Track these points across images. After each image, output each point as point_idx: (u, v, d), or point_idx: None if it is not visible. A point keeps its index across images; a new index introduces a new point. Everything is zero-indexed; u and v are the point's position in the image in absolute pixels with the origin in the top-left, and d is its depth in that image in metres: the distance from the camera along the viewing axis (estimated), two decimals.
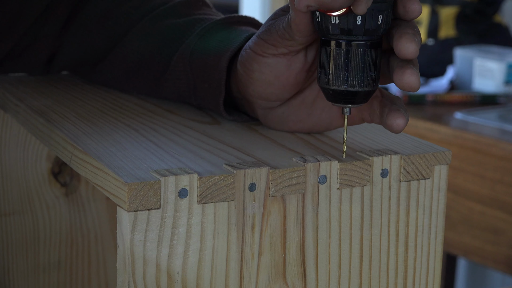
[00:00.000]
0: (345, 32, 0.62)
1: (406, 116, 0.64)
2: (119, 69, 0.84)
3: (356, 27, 0.62)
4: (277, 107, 0.70)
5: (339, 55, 0.63)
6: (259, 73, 0.68)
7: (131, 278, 0.57)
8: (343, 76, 0.63)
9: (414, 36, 0.61)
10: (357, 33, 0.62)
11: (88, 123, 0.73)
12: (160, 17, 0.82)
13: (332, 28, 0.62)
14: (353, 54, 0.62)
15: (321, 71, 0.64)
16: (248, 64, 0.69)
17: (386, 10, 0.62)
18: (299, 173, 0.61)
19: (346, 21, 0.62)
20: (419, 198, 0.66)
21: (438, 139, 2.03)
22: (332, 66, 0.63)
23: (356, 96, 0.64)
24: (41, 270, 0.97)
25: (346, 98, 0.64)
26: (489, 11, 2.61)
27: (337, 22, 0.62)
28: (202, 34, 0.77)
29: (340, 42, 0.62)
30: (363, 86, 0.63)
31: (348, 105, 0.64)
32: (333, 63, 0.63)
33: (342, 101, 0.64)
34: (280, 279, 0.62)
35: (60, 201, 0.96)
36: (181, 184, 0.58)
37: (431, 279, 0.67)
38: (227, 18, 0.78)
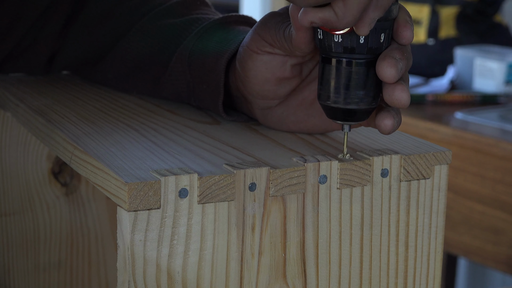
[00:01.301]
0: (348, 50, 0.62)
1: (396, 117, 0.64)
2: (119, 69, 0.84)
3: (359, 46, 0.61)
4: (276, 107, 0.70)
5: (340, 73, 0.62)
6: (255, 71, 0.68)
7: (131, 278, 0.57)
8: (343, 94, 0.62)
9: (397, 62, 0.61)
10: (360, 51, 0.62)
11: (88, 123, 0.73)
12: (158, 16, 0.82)
13: (334, 46, 0.62)
14: (354, 72, 0.62)
15: (321, 88, 0.64)
16: (244, 63, 0.69)
17: (388, 29, 0.62)
18: (299, 173, 0.61)
19: (349, 40, 0.61)
20: (419, 198, 0.66)
21: (439, 139, 2.03)
22: (332, 84, 0.63)
23: (356, 114, 0.63)
24: (41, 270, 0.97)
25: (346, 115, 0.63)
26: (490, 11, 2.60)
27: (340, 41, 0.61)
28: (200, 35, 0.76)
29: (341, 60, 0.62)
30: (363, 104, 0.63)
31: (348, 122, 0.64)
32: (334, 81, 0.63)
33: (342, 118, 0.64)
34: (280, 279, 0.62)
35: (60, 201, 0.96)
36: (181, 184, 0.58)
37: (431, 279, 0.67)
38: (225, 18, 0.78)
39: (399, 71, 0.61)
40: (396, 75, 0.61)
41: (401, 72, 0.62)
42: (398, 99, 0.62)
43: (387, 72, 0.61)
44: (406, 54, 0.63)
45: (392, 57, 0.62)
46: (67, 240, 0.97)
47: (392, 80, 0.61)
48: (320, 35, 0.63)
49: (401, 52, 0.62)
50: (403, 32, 0.63)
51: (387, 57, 0.62)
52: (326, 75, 0.63)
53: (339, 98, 0.63)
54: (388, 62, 0.61)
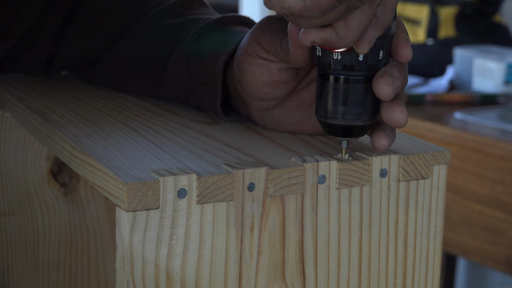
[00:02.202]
0: (347, 68, 0.62)
1: (390, 136, 0.64)
2: (117, 70, 0.84)
3: (358, 63, 0.62)
4: (274, 108, 0.70)
5: (339, 90, 0.62)
6: (252, 74, 0.68)
7: (130, 278, 0.57)
8: (342, 110, 0.63)
9: (394, 80, 0.62)
10: (359, 69, 0.62)
11: (87, 123, 0.73)
12: (156, 17, 0.82)
13: (334, 64, 0.62)
14: (352, 89, 0.62)
15: (320, 105, 0.64)
16: (241, 65, 0.69)
17: (386, 46, 0.62)
18: (298, 173, 0.61)
19: (349, 58, 0.61)
20: (418, 198, 0.66)
21: (438, 139, 2.03)
22: (331, 101, 0.63)
23: (355, 130, 0.63)
24: (40, 270, 0.97)
25: (344, 131, 0.63)
26: (489, 11, 2.60)
27: (339, 58, 0.62)
28: (197, 36, 0.76)
29: (340, 77, 0.62)
30: (361, 120, 0.63)
31: (346, 138, 0.64)
32: (332, 97, 0.63)
33: (340, 134, 0.64)
34: (279, 279, 0.62)
35: (59, 201, 0.96)
36: (180, 184, 0.58)
37: (430, 279, 0.67)
38: (222, 19, 0.78)
39: (395, 89, 0.62)
40: (392, 93, 0.62)
41: (397, 90, 0.62)
42: (396, 120, 0.63)
43: (384, 90, 0.61)
44: (403, 72, 0.63)
45: (390, 75, 0.62)
46: (66, 240, 0.97)
47: (388, 98, 0.62)
48: (318, 52, 0.63)
49: (399, 70, 0.63)
50: (402, 51, 0.63)
51: (384, 75, 0.62)
52: (324, 91, 0.63)
53: (337, 114, 0.63)
54: (386, 80, 0.61)
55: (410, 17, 2.62)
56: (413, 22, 2.62)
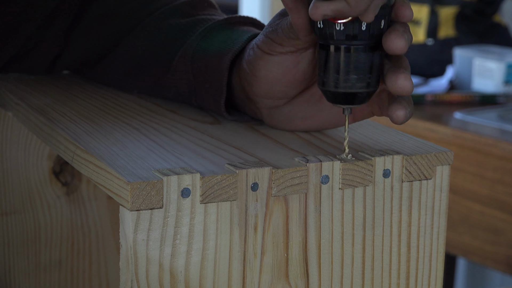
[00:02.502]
0: (350, 38, 0.62)
1: (407, 107, 0.64)
2: (120, 67, 0.84)
3: (361, 33, 0.62)
4: (283, 105, 0.70)
5: (341, 59, 0.63)
6: (266, 71, 0.68)
7: (134, 277, 0.57)
8: (344, 79, 0.63)
9: (404, 33, 0.63)
10: (361, 38, 0.62)
11: (89, 122, 0.73)
12: (164, 16, 0.82)
13: (336, 35, 0.62)
14: (354, 57, 0.63)
15: (322, 75, 0.64)
16: (255, 63, 0.69)
17: (387, 15, 0.63)
18: (301, 173, 0.61)
19: (352, 28, 0.62)
20: (421, 198, 0.66)
21: (438, 139, 2.03)
22: (334, 70, 0.63)
23: (356, 97, 0.64)
24: (42, 269, 0.97)
25: (347, 99, 0.64)
26: (489, 11, 2.61)
27: (342, 29, 0.62)
28: (203, 35, 0.76)
29: (342, 47, 0.63)
30: (363, 87, 0.64)
31: (348, 105, 0.64)
32: (335, 67, 0.63)
33: (343, 102, 0.64)
34: (283, 279, 0.62)
35: (61, 201, 0.96)
36: (184, 184, 0.58)
37: (433, 280, 0.67)
38: (229, 19, 0.78)
39: (408, 41, 0.63)
40: (406, 44, 0.62)
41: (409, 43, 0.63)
42: (401, 86, 0.63)
43: (397, 43, 0.62)
44: (407, 27, 0.64)
45: (397, 30, 0.63)
46: (67, 240, 0.97)
47: (403, 50, 0.62)
48: (320, 24, 0.63)
49: (401, 25, 0.63)
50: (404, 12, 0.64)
51: (392, 31, 0.63)
52: (326, 61, 0.64)
53: (340, 83, 0.63)
54: (395, 35, 0.62)
55: None
56: (413, 22, 2.62)
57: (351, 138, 0.69)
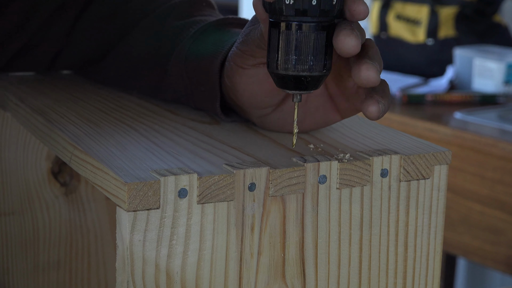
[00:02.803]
0: (300, 13, 0.59)
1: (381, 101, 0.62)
2: (120, 68, 0.84)
3: (312, 8, 0.59)
4: (272, 113, 0.70)
5: (291, 38, 0.60)
6: (243, 84, 0.68)
7: (130, 278, 0.57)
8: (294, 60, 0.60)
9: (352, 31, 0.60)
10: (312, 14, 0.59)
11: (88, 123, 0.73)
12: (161, 16, 0.82)
13: (286, 9, 0.59)
14: (304, 36, 0.60)
15: (271, 56, 0.61)
16: (232, 78, 0.69)
17: None
18: (298, 173, 0.61)
19: (302, 2, 0.59)
20: (419, 198, 0.66)
21: (438, 139, 2.03)
22: (282, 50, 0.60)
23: (308, 82, 0.61)
24: (40, 270, 0.97)
25: (297, 83, 0.61)
26: (489, 11, 2.61)
27: (292, 3, 0.59)
28: (195, 37, 0.76)
29: (291, 24, 0.60)
30: (315, 71, 0.61)
31: (299, 91, 0.62)
32: (285, 46, 0.60)
33: (293, 87, 0.62)
34: (280, 279, 0.62)
35: (59, 201, 0.96)
36: (181, 184, 0.58)
37: (431, 279, 0.67)
38: (221, 20, 0.77)
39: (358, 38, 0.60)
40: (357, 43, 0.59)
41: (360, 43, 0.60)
42: (365, 78, 0.61)
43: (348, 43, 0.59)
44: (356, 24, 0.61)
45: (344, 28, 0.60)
46: (66, 240, 0.97)
47: (356, 50, 0.59)
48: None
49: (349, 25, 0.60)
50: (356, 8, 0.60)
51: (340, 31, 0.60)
52: (276, 41, 0.61)
53: (289, 64, 0.60)
54: (344, 33, 0.59)
55: (410, 17, 2.62)
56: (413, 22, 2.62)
57: (349, 138, 0.69)
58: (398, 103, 2.25)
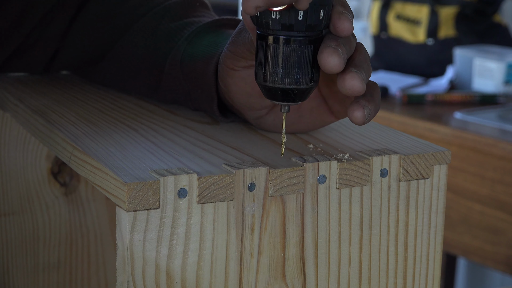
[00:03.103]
0: (286, 27, 0.59)
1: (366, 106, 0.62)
2: (118, 69, 0.84)
3: (298, 23, 0.59)
4: (267, 114, 0.70)
5: (278, 52, 0.60)
6: (235, 86, 0.68)
7: (130, 278, 0.57)
8: (281, 73, 0.61)
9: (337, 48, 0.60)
10: (298, 28, 0.60)
11: (87, 123, 0.73)
12: (156, 18, 0.82)
13: (272, 24, 0.60)
14: (291, 50, 0.60)
15: (259, 68, 0.62)
16: (224, 80, 0.69)
17: (327, 5, 0.60)
18: (298, 173, 0.61)
19: (288, 16, 0.59)
20: (419, 197, 0.66)
21: (438, 139, 2.03)
22: (271, 63, 0.61)
23: (296, 94, 0.62)
24: (40, 270, 0.97)
25: (284, 95, 0.62)
26: (489, 11, 2.61)
27: (278, 18, 0.59)
28: (190, 39, 0.76)
29: (278, 38, 0.60)
30: (302, 83, 0.61)
31: (285, 102, 0.62)
32: (272, 59, 0.60)
33: (281, 99, 0.62)
34: (280, 279, 0.62)
35: (59, 201, 0.96)
36: (180, 184, 0.58)
37: (431, 279, 0.67)
38: (215, 21, 0.77)
39: (341, 57, 0.59)
40: (340, 62, 0.59)
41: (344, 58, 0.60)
42: (349, 87, 0.60)
43: (329, 62, 0.59)
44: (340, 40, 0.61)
45: (328, 46, 0.60)
46: (66, 240, 0.97)
47: (339, 69, 0.59)
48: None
49: (336, 41, 0.60)
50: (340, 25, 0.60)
51: (324, 48, 0.60)
52: (263, 53, 0.61)
53: (276, 77, 0.61)
54: (327, 52, 0.59)
55: (410, 17, 2.62)
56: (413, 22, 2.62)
57: (349, 138, 0.69)
58: (398, 103, 2.26)
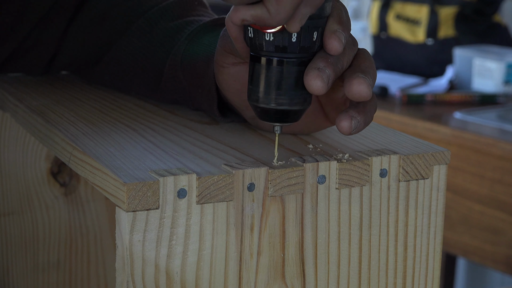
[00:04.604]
0: (280, 49, 0.59)
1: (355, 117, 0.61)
2: (116, 70, 0.84)
3: (291, 45, 0.59)
4: None
5: (272, 73, 0.60)
6: (226, 85, 0.68)
7: (129, 278, 0.57)
8: (274, 94, 0.60)
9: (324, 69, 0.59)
10: (292, 50, 0.60)
11: (87, 123, 0.73)
12: (154, 18, 0.82)
13: (266, 45, 0.60)
14: (285, 72, 0.60)
15: (251, 88, 0.61)
16: (217, 77, 0.69)
17: (321, 27, 0.60)
18: (298, 173, 0.61)
19: (281, 39, 0.59)
20: (418, 198, 0.66)
21: (438, 139, 2.03)
22: (263, 84, 0.61)
23: (288, 115, 0.62)
24: (40, 270, 0.97)
25: (277, 116, 0.61)
26: (489, 11, 2.61)
27: (272, 39, 0.59)
28: (190, 39, 0.76)
29: (273, 60, 0.60)
30: (295, 105, 0.61)
31: (278, 123, 0.62)
32: (265, 80, 0.60)
33: (273, 119, 0.62)
34: (279, 279, 0.62)
35: (59, 201, 0.96)
36: (180, 184, 0.58)
37: (430, 279, 0.67)
38: (214, 21, 0.77)
39: (326, 81, 0.59)
40: (322, 86, 0.59)
41: (329, 81, 0.60)
42: (356, 92, 0.60)
43: (312, 85, 0.59)
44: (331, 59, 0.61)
45: (315, 68, 0.60)
46: (66, 240, 0.97)
47: (320, 92, 0.59)
48: (250, 34, 0.60)
49: (325, 60, 0.60)
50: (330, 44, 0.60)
51: (310, 70, 0.60)
52: (257, 74, 0.61)
53: (270, 98, 0.61)
54: (312, 76, 0.59)
55: (410, 17, 2.62)
56: (413, 22, 2.62)
57: (348, 138, 0.69)
58: (398, 103, 2.26)
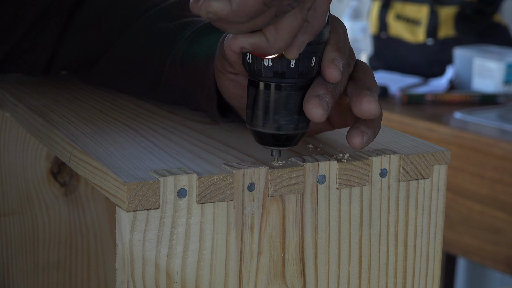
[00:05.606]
0: (278, 75, 0.60)
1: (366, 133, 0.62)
2: (115, 71, 0.84)
3: (290, 70, 0.60)
4: None
5: (270, 98, 0.60)
6: (225, 89, 0.68)
7: (130, 278, 0.57)
8: (272, 119, 0.61)
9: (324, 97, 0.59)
10: (290, 76, 0.60)
11: (87, 123, 0.73)
12: (153, 18, 0.82)
13: (264, 71, 0.60)
14: (284, 97, 0.60)
15: (251, 113, 0.61)
16: (217, 81, 0.69)
17: (319, 52, 0.61)
18: (298, 173, 0.61)
19: (280, 64, 0.59)
20: (418, 198, 0.66)
21: (438, 139, 2.03)
22: (261, 109, 0.61)
23: (286, 139, 0.62)
24: (40, 270, 0.97)
25: (276, 141, 0.62)
26: (489, 11, 2.61)
27: (270, 65, 0.59)
28: (190, 39, 0.76)
29: (271, 85, 0.60)
30: (293, 129, 0.61)
31: (277, 147, 0.62)
32: (264, 105, 0.60)
33: (272, 143, 0.62)
34: (279, 279, 0.62)
35: (59, 201, 0.96)
36: (180, 184, 0.58)
37: (430, 279, 0.67)
38: None
39: (326, 109, 0.59)
40: (323, 113, 0.59)
41: (328, 107, 0.60)
42: (367, 111, 0.60)
43: (313, 113, 0.59)
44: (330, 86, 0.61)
45: (315, 96, 0.60)
46: (66, 240, 0.97)
47: (322, 120, 0.59)
48: (249, 59, 0.60)
49: (324, 86, 0.60)
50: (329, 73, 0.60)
51: (309, 98, 0.60)
52: (255, 99, 0.61)
53: (268, 123, 0.61)
54: (312, 104, 0.59)
55: (410, 17, 2.62)
56: (413, 22, 2.62)
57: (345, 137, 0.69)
58: (398, 103, 2.26)
